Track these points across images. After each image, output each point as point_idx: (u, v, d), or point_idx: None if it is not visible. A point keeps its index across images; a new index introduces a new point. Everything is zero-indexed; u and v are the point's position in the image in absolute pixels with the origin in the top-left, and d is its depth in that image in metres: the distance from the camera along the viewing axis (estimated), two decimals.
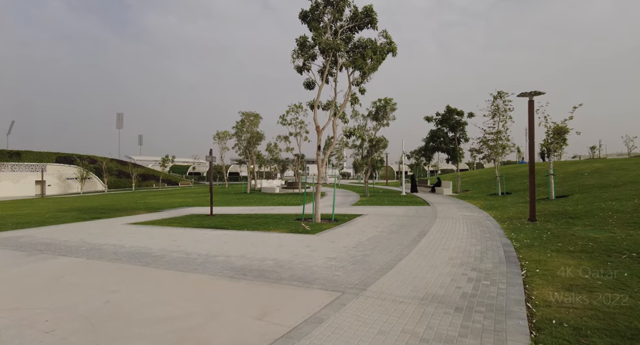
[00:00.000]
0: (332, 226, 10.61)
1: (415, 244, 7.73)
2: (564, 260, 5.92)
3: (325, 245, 7.66)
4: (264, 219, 12.66)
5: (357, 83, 12.67)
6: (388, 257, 6.49)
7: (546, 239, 7.84)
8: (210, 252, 7.24)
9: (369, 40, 12.12)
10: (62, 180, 51.97)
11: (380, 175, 63.01)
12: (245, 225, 11.08)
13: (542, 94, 10.78)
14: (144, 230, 10.47)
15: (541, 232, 8.62)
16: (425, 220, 11.45)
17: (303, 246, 7.61)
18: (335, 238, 8.58)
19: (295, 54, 12.10)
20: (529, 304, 4.10)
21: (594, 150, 66.47)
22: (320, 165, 12.02)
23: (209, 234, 9.50)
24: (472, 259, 6.25)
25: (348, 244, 7.83)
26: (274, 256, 6.70)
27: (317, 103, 12.04)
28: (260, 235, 9.21)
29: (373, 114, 25.57)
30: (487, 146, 21.88)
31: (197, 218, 13.47)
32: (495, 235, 8.59)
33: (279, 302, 4.29)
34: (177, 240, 8.72)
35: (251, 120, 33.46)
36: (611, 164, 23.58)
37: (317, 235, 8.95)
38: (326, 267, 5.84)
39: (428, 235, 8.80)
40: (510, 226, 9.95)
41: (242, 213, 14.88)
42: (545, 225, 9.70)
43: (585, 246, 6.80)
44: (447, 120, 27.21)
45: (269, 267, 5.89)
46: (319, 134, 12.03)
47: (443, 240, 8.04)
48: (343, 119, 13.02)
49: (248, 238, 8.79)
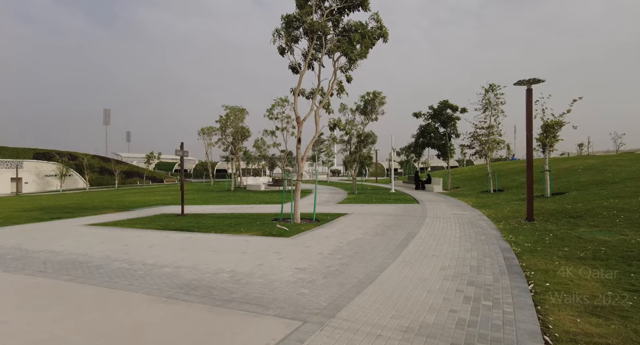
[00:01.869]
0: (311, 227, 9.54)
1: (402, 249, 6.71)
2: (576, 270, 4.96)
3: (298, 252, 6.59)
4: (239, 219, 11.52)
5: (344, 70, 11.57)
6: (369, 267, 5.44)
7: (549, 242, 6.91)
8: (159, 261, 6.09)
9: (358, 24, 11.01)
10: (40, 178, 49.82)
11: (370, 172, 62.18)
12: (214, 226, 9.93)
13: (542, 82, 9.85)
14: (98, 233, 9.24)
15: (542, 234, 7.70)
16: (414, 221, 10.47)
17: (272, 253, 6.51)
18: (311, 242, 7.51)
19: (277, 33, 10.92)
20: (547, 338, 3.09)
21: (582, 148, 66.81)
22: (300, 160, 10.93)
23: (170, 238, 8.34)
24: (468, 269, 5.25)
25: (325, 249, 6.77)
26: (233, 267, 5.60)
27: (297, 90, 10.90)
28: (227, 239, 8.09)
29: (362, 108, 24.53)
30: (479, 141, 21.06)
31: (166, 218, 12.26)
32: (492, 238, 7.63)
33: (213, 339, 3.20)
34: (129, 245, 7.54)
35: (236, 114, 32.10)
36: (604, 160, 23.04)
37: (292, 239, 7.87)
38: (292, 282, 4.76)
39: (416, 238, 7.79)
40: (506, 227, 9.03)
41: (218, 212, 13.71)
42: (545, 225, 8.80)
43: (597, 251, 5.86)
44: (438, 115, 26.36)
45: (221, 283, 4.78)
46: (299, 125, 10.91)
47: (433, 245, 7.04)
48: (327, 110, 11.93)
49: (211, 243, 7.66)
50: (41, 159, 52.01)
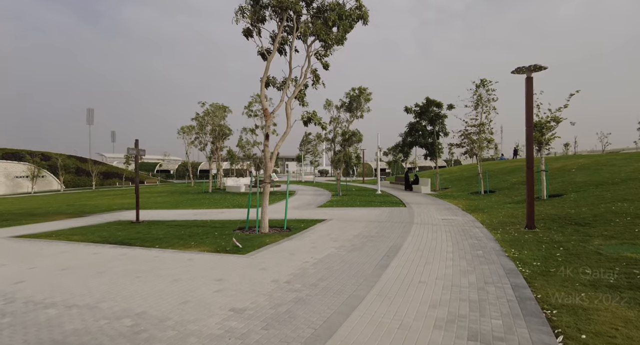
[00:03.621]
0: (279, 239, 8.05)
1: (381, 271, 5.28)
2: (618, 310, 3.60)
3: (246, 280, 5.09)
4: (198, 227, 9.94)
5: (319, 56, 10.10)
6: (333, 305, 3.99)
7: (562, 259, 5.59)
8: (52, 295, 4.50)
9: (334, 3, 9.57)
10: (9, 179, 46.97)
11: (358, 172, 61.00)
12: (163, 238, 8.34)
13: (544, 69, 8.59)
14: (15, 248, 7.55)
15: (550, 248, 6.39)
16: (399, 228, 9.08)
17: (211, 281, 4.99)
18: (270, 261, 6.02)
19: (240, 11, 9.36)
20: None
21: (568, 147, 66.94)
22: (268, 160, 9.41)
23: (100, 255, 6.72)
24: (467, 307, 3.85)
25: (283, 274, 5.29)
26: (147, 306, 4.06)
27: (265, 78, 9.37)
28: (168, 257, 6.52)
29: (347, 105, 23.15)
30: (470, 140, 19.87)
31: (116, 227, 10.58)
32: (491, 253, 6.28)
33: None
34: (36, 267, 5.91)
35: (214, 112, 30.26)
36: (596, 159, 22.16)
37: (248, 257, 6.36)
38: (215, 337, 3.26)
39: (400, 253, 6.38)
40: (505, 236, 7.71)
41: (178, 219, 12.07)
42: (550, 235, 7.51)
43: (631, 276, 4.53)
44: (425, 113, 25.18)
45: (109, 340, 3.25)
46: (267, 118, 9.40)
47: (420, 264, 5.63)
48: (302, 102, 10.46)
49: (144, 263, 6.09)
50: (10, 159, 49.07)
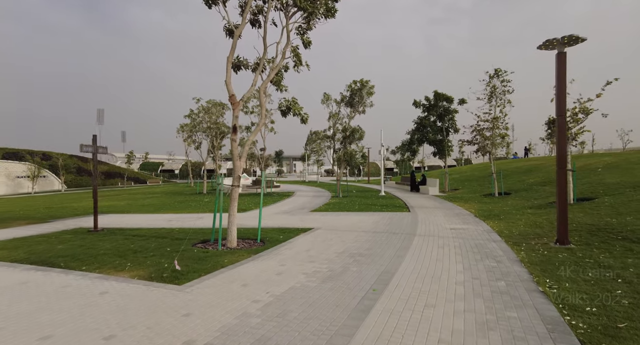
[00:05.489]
0: (241, 258, 6.37)
1: (359, 323, 3.55)
2: None
3: (147, 339, 3.41)
4: (156, 239, 8.31)
5: (301, 30, 8.38)
6: None
7: (630, 302, 3.78)
8: None
9: None
10: (10, 179, 46.45)
11: (364, 171, 59.00)
12: (102, 255, 6.72)
13: (581, 42, 6.71)
14: None
15: (601, 278, 4.57)
16: (397, 243, 7.31)
17: (97, 340, 3.32)
18: (202, 301, 4.32)
19: None
20: None
21: (583, 146, 63.74)
22: (236, 158, 7.73)
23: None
24: None
25: (208, 328, 3.58)
26: None
27: (231, 56, 7.65)
28: (79, 286, 4.88)
29: (347, 100, 21.36)
30: (482, 136, 17.91)
31: (66, 236, 9.04)
32: (518, 285, 4.50)
33: None
34: None
35: (210, 109, 28.73)
36: (625, 157, 19.93)
37: (180, 291, 4.66)
38: None
39: (391, 287, 4.63)
40: (532, 256, 5.91)
41: (146, 226, 10.49)
42: (593, 255, 5.69)
43: None
44: (435, 108, 23.24)
45: None
46: (235, 107, 7.70)
47: (416, 311, 3.87)
48: (279, 87, 8.77)
49: (33, 301, 4.44)
50: (11, 159, 48.56)
